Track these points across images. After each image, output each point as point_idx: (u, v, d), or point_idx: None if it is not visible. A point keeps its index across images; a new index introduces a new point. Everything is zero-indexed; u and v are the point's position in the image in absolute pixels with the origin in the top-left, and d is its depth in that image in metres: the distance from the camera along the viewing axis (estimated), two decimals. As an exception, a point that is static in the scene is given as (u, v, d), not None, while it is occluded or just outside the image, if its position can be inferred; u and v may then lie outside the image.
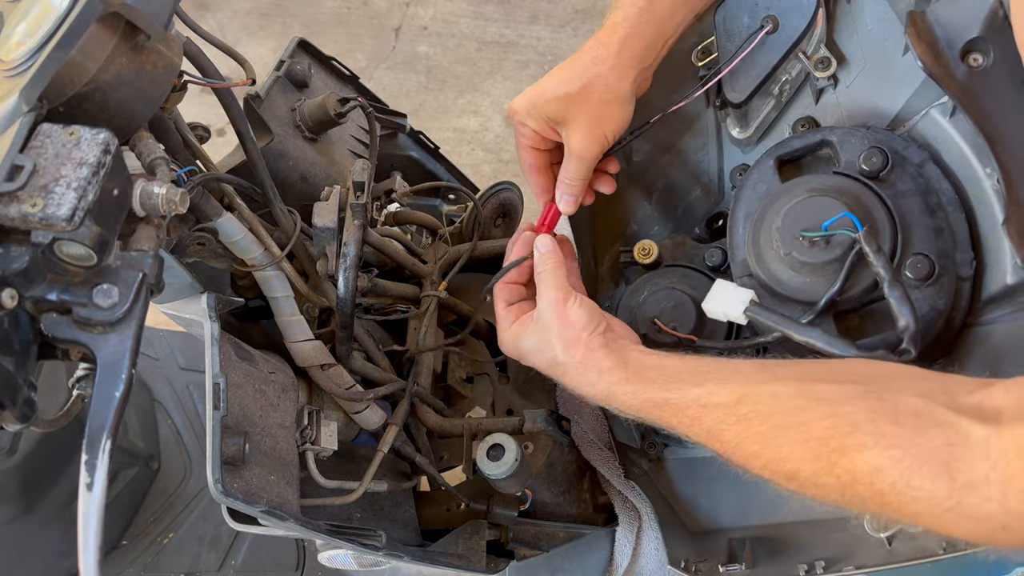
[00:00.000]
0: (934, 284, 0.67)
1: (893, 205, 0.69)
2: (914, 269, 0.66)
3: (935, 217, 0.68)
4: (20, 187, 0.50)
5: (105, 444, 0.53)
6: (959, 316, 0.68)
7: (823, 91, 0.78)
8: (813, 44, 0.76)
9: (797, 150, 0.76)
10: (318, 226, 0.85)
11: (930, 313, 0.67)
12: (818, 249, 0.69)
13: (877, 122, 0.73)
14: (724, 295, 0.76)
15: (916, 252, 0.67)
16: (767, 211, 0.74)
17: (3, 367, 0.51)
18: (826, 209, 0.69)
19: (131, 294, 0.55)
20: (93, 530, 0.52)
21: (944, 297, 0.67)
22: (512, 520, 0.99)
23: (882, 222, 0.68)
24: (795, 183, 0.75)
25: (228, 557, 1.61)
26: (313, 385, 0.91)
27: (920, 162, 0.70)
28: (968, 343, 0.68)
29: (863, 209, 0.69)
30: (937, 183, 0.69)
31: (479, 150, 2.58)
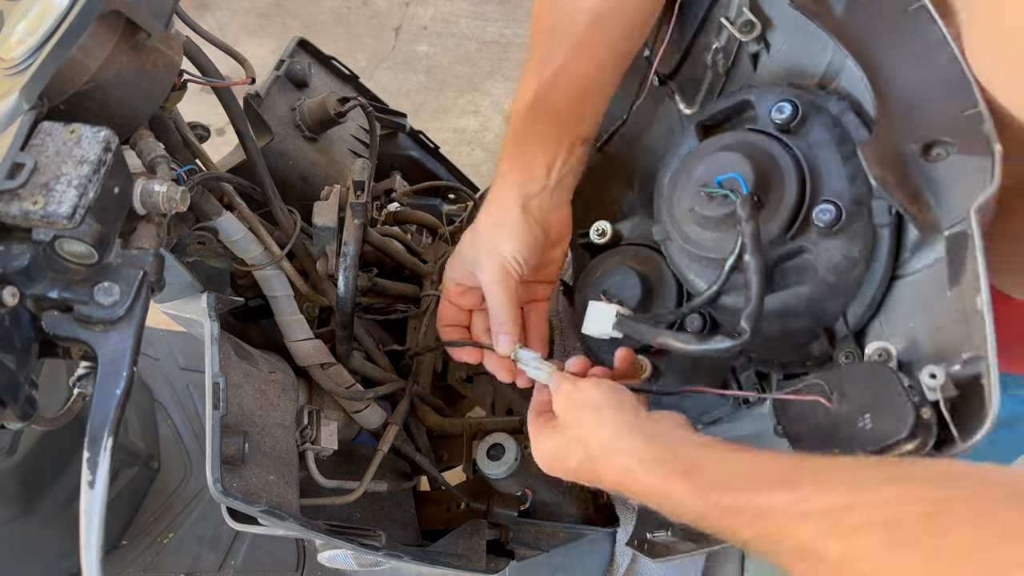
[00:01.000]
0: (843, 231, 0.65)
1: (803, 155, 0.68)
2: (820, 215, 0.65)
3: (849, 164, 0.67)
4: (21, 185, 0.51)
5: (107, 442, 0.53)
6: (881, 266, 0.66)
7: (758, 56, 0.78)
8: (735, 8, 0.76)
9: (719, 113, 0.76)
10: (318, 225, 0.85)
11: (843, 261, 0.66)
12: (716, 203, 0.68)
13: (809, 80, 0.73)
14: (596, 315, 0.76)
15: (825, 199, 0.66)
16: (681, 171, 0.74)
17: (4, 365, 0.51)
18: (731, 164, 0.68)
19: (132, 292, 0.55)
20: (95, 528, 0.53)
21: (858, 244, 0.65)
22: (512, 520, 0.99)
23: (788, 172, 0.67)
24: (709, 141, 0.75)
25: (228, 557, 1.61)
26: (313, 384, 0.91)
27: (838, 113, 0.69)
28: (896, 294, 0.67)
29: (769, 161, 0.68)
30: (855, 132, 0.68)
31: (479, 150, 2.58)
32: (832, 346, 0.70)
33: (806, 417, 0.62)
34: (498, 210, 0.79)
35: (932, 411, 0.55)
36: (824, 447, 0.60)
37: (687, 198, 0.71)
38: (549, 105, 0.77)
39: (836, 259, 0.66)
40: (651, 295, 0.82)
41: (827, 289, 0.67)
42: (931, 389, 0.55)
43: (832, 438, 0.60)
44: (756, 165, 0.68)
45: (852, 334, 0.69)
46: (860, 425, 0.58)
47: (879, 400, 0.57)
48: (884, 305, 0.68)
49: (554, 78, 0.76)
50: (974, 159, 0.58)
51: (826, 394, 0.60)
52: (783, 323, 0.71)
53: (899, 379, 0.57)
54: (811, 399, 0.61)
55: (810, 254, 0.68)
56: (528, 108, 0.77)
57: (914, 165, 0.61)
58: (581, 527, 1.00)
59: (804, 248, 0.68)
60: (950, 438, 0.54)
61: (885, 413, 0.56)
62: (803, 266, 0.69)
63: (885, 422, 0.56)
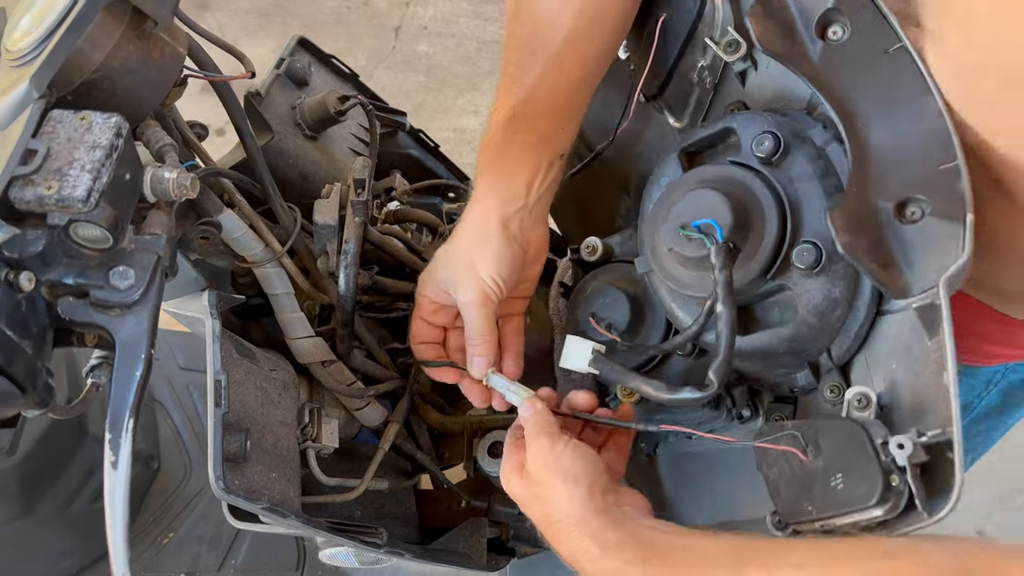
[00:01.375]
0: (824, 272, 0.63)
1: (785, 191, 0.66)
2: (800, 258, 0.63)
3: (832, 200, 0.64)
4: (34, 171, 0.51)
5: (128, 423, 0.54)
6: (864, 305, 0.64)
7: (745, 73, 0.76)
8: (719, 28, 0.75)
9: (702, 139, 0.74)
10: (319, 223, 0.85)
11: (824, 303, 0.64)
12: (695, 245, 0.66)
13: (796, 103, 0.71)
14: (574, 350, 0.75)
15: (805, 240, 0.64)
16: (662, 206, 0.73)
17: (23, 350, 0.52)
18: (709, 202, 0.66)
19: (147, 276, 0.56)
20: (120, 507, 0.54)
21: (839, 285, 0.63)
22: (513, 518, 0.99)
23: (769, 210, 0.65)
24: (689, 175, 0.73)
25: (228, 556, 1.61)
26: (314, 382, 0.91)
27: (823, 143, 0.66)
28: (880, 331, 0.65)
29: (749, 198, 0.66)
30: (839, 164, 0.65)
31: (479, 150, 2.59)
32: (817, 379, 0.69)
33: (783, 465, 0.62)
34: (477, 229, 0.77)
35: (901, 479, 0.54)
36: (798, 500, 0.60)
37: (667, 237, 0.70)
38: (527, 120, 0.77)
39: (817, 300, 0.64)
40: (641, 318, 0.81)
41: (807, 330, 0.66)
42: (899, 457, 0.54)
43: (806, 492, 0.59)
44: (734, 206, 0.66)
45: (837, 368, 0.68)
46: (833, 484, 0.58)
47: (851, 461, 0.57)
48: (869, 340, 0.66)
49: (531, 94, 0.76)
50: (947, 224, 0.56)
51: (801, 447, 0.60)
52: (765, 361, 0.70)
53: (870, 441, 0.56)
54: (786, 450, 0.61)
55: (791, 291, 0.66)
56: (506, 123, 0.77)
57: (888, 227, 0.59)
58: (582, 525, 1.00)
59: (784, 287, 0.66)
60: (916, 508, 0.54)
61: (856, 476, 0.56)
62: (785, 303, 0.67)
63: (855, 485, 0.56)
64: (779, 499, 0.62)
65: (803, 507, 0.59)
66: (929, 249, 0.57)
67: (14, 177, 0.51)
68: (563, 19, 0.75)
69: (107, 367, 0.61)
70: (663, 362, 0.81)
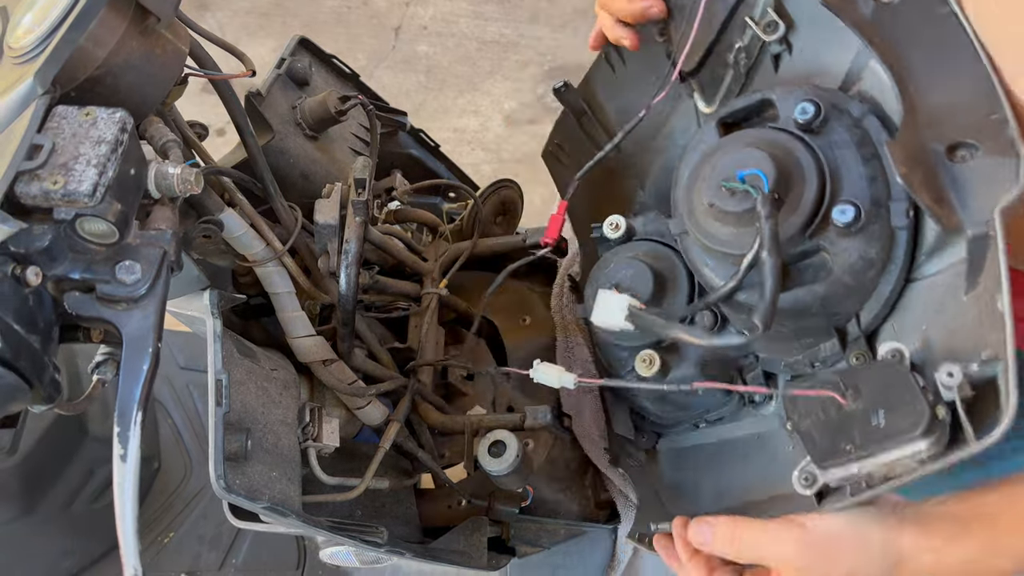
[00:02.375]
0: (862, 231, 0.65)
1: (824, 155, 0.68)
2: (840, 215, 0.65)
3: (869, 166, 0.67)
4: (40, 166, 0.51)
5: (136, 416, 0.54)
6: (897, 268, 0.67)
7: (780, 57, 0.78)
8: (759, 8, 0.77)
9: (740, 110, 0.76)
10: (320, 223, 0.85)
11: (859, 262, 0.66)
12: (737, 199, 0.68)
13: (830, 83, 0.73)
14: (606, 305, 0.75)
15: (844, 199, 0.66)
16: (702, 167, 0.74)
17: (30, 345, 0.52)
18: (754, 160, 0.68)
19: (153, 270, 0.56)
20: (129, 500, 0.54)
21: (875, 245, 0.66)
22: (513, 517, 0.99)
23: (809, 171, 0.67)
24: (729, 138, 0.75)
25: (229, 556, 1.61)
26: (315, 382, 0.91)
27: (860, 115, 0.69)
28: (909, 297, 0.68)
29: (791, 159, 0.68)
30: (876, 134, 0.68)
31: (479, 150, 2.59)
32: (843, 347, 0.71)
33: (817, 413, 0.63)
34: None
35: (947, 410, 0.55)
36: (835, 443, 0.61)
37: (707, 192, 0.71)
38: None
39: (853, 259, 0.66)
40: (663, 290, 0.82)
41: (843, 289, 0.67)
42: (947, 388, 0.55)
43: (843, 434, 0.60)
44: (778, 163, 0.68)
45: (864, 336, 0.69)
46: (874, 423, 0.58)
47: (893, 399, 0.58)
48: (897, 307, 0.68)
49: None
50: (999, 160, 0.58)
51: (840, 390, 0.61)
52: (796, 321, 0.71)
53: (914, 378, 0.57)
54: (825, 395, 0.61)
55: (827, 253, 0.68)
56: None
57: (939, 165, 0.61)
58: (582, 524, 1.00)
59: (821, 247, 0.68)
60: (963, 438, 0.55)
61: (899, 411, 0.57)
62: (819, 265, 0.69)
63: (899, 420, 0.56)
64: (814, 446, 0.63)
65: (841, 447, 0.60)
66: (981, 186, 0.59)
67: (20, 172, 0.51)
68: None
69: (112, 363, 0.62)
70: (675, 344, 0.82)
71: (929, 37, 0.64)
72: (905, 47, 0.65)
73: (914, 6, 0.65)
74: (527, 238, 1.16)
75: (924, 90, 0.64)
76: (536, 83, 2.66)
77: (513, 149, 2.57)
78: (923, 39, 0.65)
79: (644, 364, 0.83)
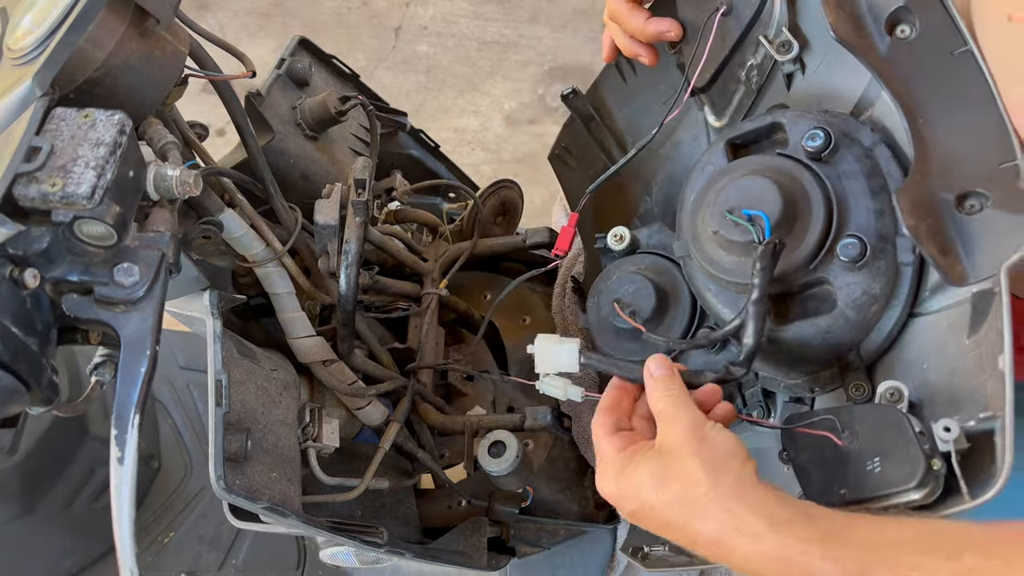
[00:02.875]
0: (867, 267, 0.65)
1: (832, 186, 0.68)
2: (845, 250, 0.65)
3: (877, 199, 0.66)
4: (38, 168, 0.51)
5: (134, 419, 0.54)
6: (900, 304, 0.66)
7: (792, 76, 0.77)
8: (774, 28, 0.76)
9: (749, 132, 0.75)
10: (320, 223, 0.85)
11: (862, 297, 0.65)
12: (741, 229, 0.68)
13: (841, 107, 0.72)
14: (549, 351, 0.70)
15: (850, 233, 0.66)
16: (708, 191, 0.74)
17: (28, 347, 0.52)
18: (759, 188, 0.68)
19: (152, 272, 0.56)
20: (126, 503, 0.54)
21: (879, 281, 0.65)
22: (513, 517, 0.99)
23: (816, 202, 0.67)
24: (736, 163, 0.74)
25: (229, 556, 1.61)
26: (315, 382, 0.91)
27: (871, 145, 0.68)
28: (911, 332, 0.67)
29: (798, 189, 0.68)
30: (886, 166, 0.68)
31: (479, 150, 2.58)
32: (843, 377, 0.70)
33: (813, 449, 0.62)
34: None
35: (942, 462, 0.55)
36: (829, 482, 0.60)
37: (712, 220, 0.71)
38: None
39: (856, 294, 0.66)
40: (665, 306, 0.82)
41: (845, 323, 0.67)
42: (944, 441, 0.55)
43: (838, 475, 0.60)
44: (785, 193, 0.67)
45: (864, 367, 0.69)
46: (869, 468, 0.58)
47: (889, 445, 0.57)
48: (899, 341, 0.68)
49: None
50: (1008, 216, 0.58)
51: (837, 431, 0.60)
52: (797, 351, 0.71)
53: (911, 425, 0.56)
54: (821, 435, 0.61)
55: (830, 286, 0.67)
56: None
57: (947, 215, 0.61)
58: (582, 524, 1.00)
59: (825, 280, 0.68)
60: (956, 491, 0.54)
61: (895, 459, 0.56)
62: (822, 296, 0.68)
63: (895, 468, 0.56)
64: (809, 484, 0.62)
65: (834, 491, 0.59)
66: (988, 239, 0.59)
67: (18, 174, 0.51)
68: None
69: (110, 365, 0.62)
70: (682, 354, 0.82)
71: (945, 76, 0.63)
72: (920, 85, 0.64)
73: (931, 43, 0.64)
74: (527, 238, 1.16)
75: (937, 133, 0.63)
76: (536, 83, 2.65)
77: (513, 149, 2.57)
78: (939, 78, 0.64)
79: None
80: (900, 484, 0.55)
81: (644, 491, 0.58)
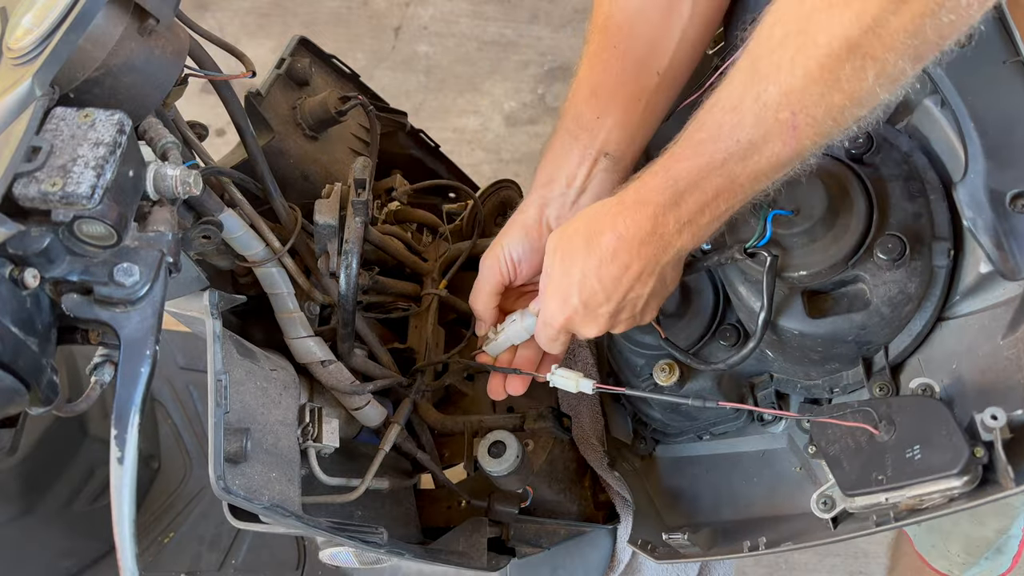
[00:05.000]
0: (905, 267, 0.66)
1: (872, 186, 0.69)
2: (884, 248, 0.66)
3: (915, 203, 0.68)
4: (38, 167, 0.51)
5: (134, 419, 0.54)
6: (932, 306, 0.68)
7: None
8: None
9: None
10: (319, 223, 0.85)
11: (898, 296, 0.67)
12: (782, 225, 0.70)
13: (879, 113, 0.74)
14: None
15: (890, 233, 0.67)
16: None
17: (28, 347, 0.52)
18: (802, 186, 0.69)
19: (152, 272, 0.56)
20: (126, 504, 0.54)
21: (915, 281, 0.67)
22: (513, 517, 0.99)
23: (858, 200, 0.68)
24: None
25: (228, 556, 1.61)
26: (315, 382, 0.91)
27: (908, 150, 0.70)
28: (940, 335, 0.69)
29: (841, 187, 0.69)
30: (923, 172, 0.69)
31: (479, 150, 2.58)
32: (867, 376, 0.71)
33: (846, 440, 0.63)
34: (520, 207, 0.80)
35: (985, 450, 0.56)
36: (865, 472, 0.61)
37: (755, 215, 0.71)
38: (572, 108, 0.77)
39: (892, 292, 0.67)
40: (688, 302, 0.83)
41: (879, 320, 0.68)
42: (987, 429, 0.56)
43: (875, 463, 0.61)
44: (828, 190, 0.68)
45: (889, 367, 0.70)
46: (908, 456, 0.59)
47: (930, 433, 0.58)
48: (926, 343, 0.69)
49: (577, 81, 0.76)
50: None
51: (874, 421, 0.61)
52: (829, 348, 0.71)
53: (953, 415, 0.58)
54: (858, 425, 0.62)
55: (865, 284, 0.68)
56: (562, 109, 0.79)
57: (1002, 213, 0.63)
58: (582, 524, 1.00)
59: (860, 277, 0.68)
60: (995, 479, 0.56)
61: (936, 446, 0.57)
62: (855, 294, 0.70)
63: (936, 455, 0.57)
64: (842, 473, 0.63)
65: (872, 477, 0.60)
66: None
67: (18, 174, 0.51)
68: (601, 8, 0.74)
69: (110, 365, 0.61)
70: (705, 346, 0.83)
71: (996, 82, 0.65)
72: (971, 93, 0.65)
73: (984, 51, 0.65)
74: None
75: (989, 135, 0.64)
76: (536, 83, 2.65)
77: (513, 149, 2.57)
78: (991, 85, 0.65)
79: (664, 373, 0.82)
80: (942, 470, 0.56)
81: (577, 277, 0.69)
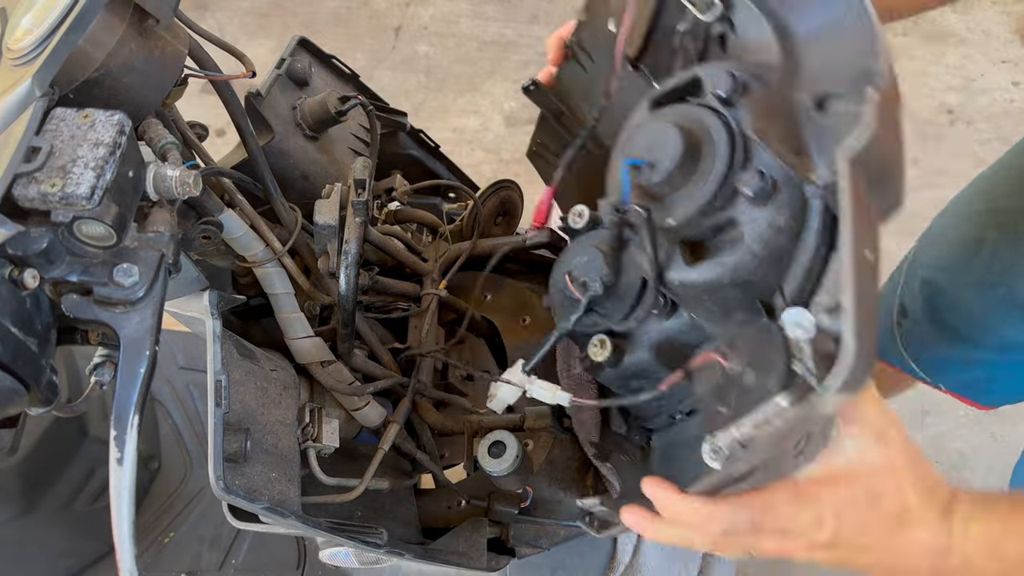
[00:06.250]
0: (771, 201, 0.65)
1: (739, 127, 0.68)
2: (745, 183, 0.64)
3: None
4: (38, 168, 0.52)
5: (133, 419, 0.54)
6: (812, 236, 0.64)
7: (725, 37, 0.77)
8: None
9: (672, 90, 0.75)
10: (319, 223, 0.85)
11: (768, 230, 0.65)
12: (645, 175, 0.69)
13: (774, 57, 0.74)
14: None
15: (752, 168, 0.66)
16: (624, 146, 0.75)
17: (28, 348, 0.52)
18: (661, 135, 0.69)
19: (151, 273, 0.56)
20: (126, 504, 0.55)
21: (784, 212, 0.65)
22: (513, 518, 0.99)
23: (720, 142, 0.67)
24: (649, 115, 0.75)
25: (229, 556, 1.61)
26: (315, 383, 0.91)
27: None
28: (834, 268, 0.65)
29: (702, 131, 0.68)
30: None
31: (479, 150, 2.58)
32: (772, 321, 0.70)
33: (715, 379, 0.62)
34: None
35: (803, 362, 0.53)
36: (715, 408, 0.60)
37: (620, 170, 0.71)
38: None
39: (761, 228, 0.65)
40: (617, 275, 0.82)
41: (751, 259, 0.66)
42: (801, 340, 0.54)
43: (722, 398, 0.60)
44: (686, 136, 0.68)
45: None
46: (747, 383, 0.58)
47: (762, 356, 0.57)
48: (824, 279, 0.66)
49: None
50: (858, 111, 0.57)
51: (722, 353, 0.61)
52: (714, 295, 0.70)
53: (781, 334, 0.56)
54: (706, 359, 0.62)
55: (742, 227, 0.67)
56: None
57: (805, 118, 0.62)
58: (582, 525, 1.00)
59: (735, 220, 0.67)
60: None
61: (764, 369, 0.56)
62: (734, 240, 0.68)
63: (763, 379, 0.56)
64: (705, 414, 0.62)
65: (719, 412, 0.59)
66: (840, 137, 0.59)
67: (18, 175, 0.51)
68: None
69: (110, 365, 0.62)
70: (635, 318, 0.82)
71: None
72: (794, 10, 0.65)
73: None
74: (527, 239, 1.16)
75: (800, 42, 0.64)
76: (536, 83, 2.66)
77: (513, 149, 2.57)
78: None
79: (596, 348, 0.82)
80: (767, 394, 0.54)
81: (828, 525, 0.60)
